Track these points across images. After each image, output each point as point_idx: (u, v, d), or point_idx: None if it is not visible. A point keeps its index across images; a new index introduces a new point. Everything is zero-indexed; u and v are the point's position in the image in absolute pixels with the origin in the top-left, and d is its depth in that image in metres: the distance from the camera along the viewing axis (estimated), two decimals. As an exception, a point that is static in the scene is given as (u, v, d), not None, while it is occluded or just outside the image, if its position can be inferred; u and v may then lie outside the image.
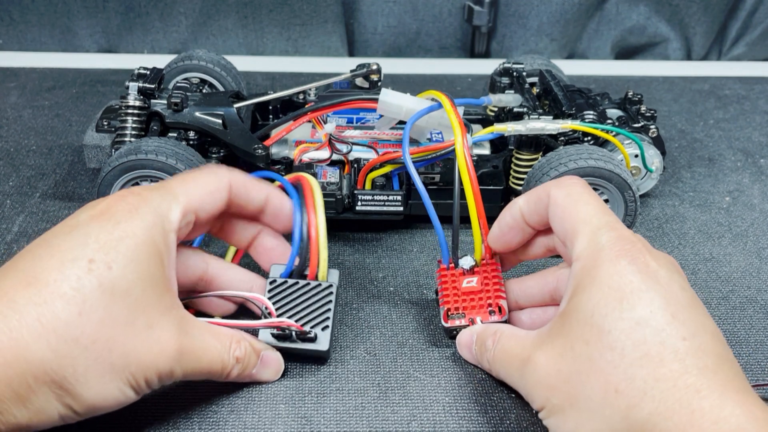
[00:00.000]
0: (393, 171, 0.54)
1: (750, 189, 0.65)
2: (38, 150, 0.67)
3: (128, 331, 0.35)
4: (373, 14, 0.91)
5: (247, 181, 0.43)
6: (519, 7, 0.91)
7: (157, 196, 0.38)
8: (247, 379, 0.42)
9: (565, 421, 0.35)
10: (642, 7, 0.92)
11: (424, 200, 0.46)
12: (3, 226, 0.56)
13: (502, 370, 0.41)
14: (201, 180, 0.41)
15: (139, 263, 0.36)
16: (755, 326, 0.49)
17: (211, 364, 0.39)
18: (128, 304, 0.35)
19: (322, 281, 0.44)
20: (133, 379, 0.35)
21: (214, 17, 0.90)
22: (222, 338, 0.40)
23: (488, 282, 0.45)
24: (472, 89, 0.83)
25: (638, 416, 0.32)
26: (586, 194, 0.39)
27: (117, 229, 0.36)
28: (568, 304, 0.37)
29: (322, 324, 0.42)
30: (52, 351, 0.33)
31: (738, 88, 0.86)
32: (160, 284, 0.37)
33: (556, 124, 0.53)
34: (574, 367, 0.35)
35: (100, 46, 0.91)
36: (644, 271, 0.35)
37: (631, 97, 0.62)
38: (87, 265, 0.34)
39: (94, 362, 0.34)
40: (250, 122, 0.59)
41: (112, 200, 0.38)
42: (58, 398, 0.34)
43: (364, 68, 0.60)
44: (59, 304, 0.33)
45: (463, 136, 0.45)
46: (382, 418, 0.41)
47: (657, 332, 0.33)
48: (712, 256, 0.56)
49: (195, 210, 0.40)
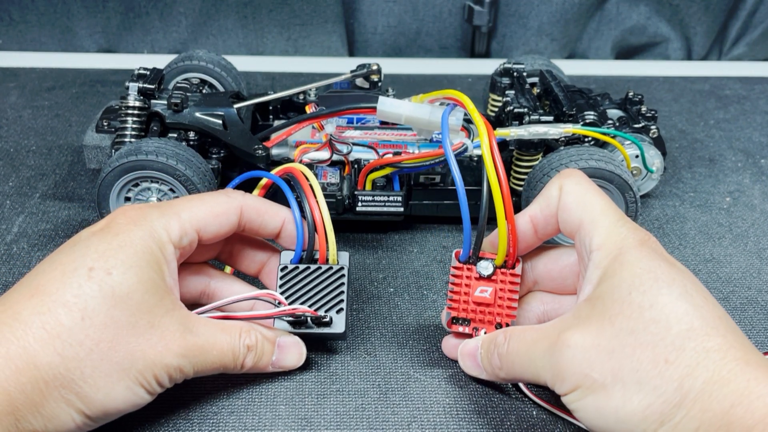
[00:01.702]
0: (393, 172, 0.54)
1: (751, 189, 0.65)
2: (38, 150, 0.67)
3: (131, 332, 0.36)
4: (373, 14, 0.91)
5: (261, 205, 0.43)
6: (519, 7, 0.91)
7: (158, 212, 0.40)
8: (269, 368, 0.42)
9: (609, 398, 0.34)
10: (642, 7, 0.92)
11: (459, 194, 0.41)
12: (3, 227, 0.56)
13: (520, 360, 0.39)
14: (208, 201, 0.42)
15: (138, 269, 0.37)
16: (756, 327, 0.49)
17: (222, 356, 0.39)
18: (129, 306, 0.36)
19: (333, 264, 0.44)
20: (142, 377, 0.36)
21: (214, 17, 0.89)
22: (230, 330, 0.40)
23: (503, 297, 0.43)
24: (473, 89, 0.83)
25: (693, 385, 0.32)
26: (593, 186, 0.40)
27: (116, 240, 0.37)
28: (596, 289, 0.37)
29: (336, 307, 0.43)
30: (58, 355, 0.34)
31: (738, 88, 0.85)
32: (160, 288, 0.38)
33: (558, 128, 0.53)
34: (616, 341, 0.34)
35: (100, 46, 0.91)
36: (667, 260, 0.36)
37: (632, 97, 0.62)
38: (87, 273, 0.36)
39: (100, 362, 0.35)
40: (251, 123, 0.59)
41: (114, 215, 0.39)
42: (69, 404, 0.35)
43: (364, 68, 0.60)
44: (62, 311, 0.35)
45: (490, 137, 0.42)
46: (383, 420, 0.41)
47: (697, 308, 0.34)
48: (712, 256, 0.56)
49: (197, 229, 0.41)
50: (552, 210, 0.41)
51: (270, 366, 0.42)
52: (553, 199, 0.41)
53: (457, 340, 0.44)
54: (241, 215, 0.42)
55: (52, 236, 0.56)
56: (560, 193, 0.40)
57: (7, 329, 0.34)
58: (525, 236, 0.42)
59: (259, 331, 0.41)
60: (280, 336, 0.42)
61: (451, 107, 0.46)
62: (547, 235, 0.42)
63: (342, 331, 0.42)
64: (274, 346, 0.42)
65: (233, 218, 0.42)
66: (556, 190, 0.41)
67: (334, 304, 0.43)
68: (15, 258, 0.53)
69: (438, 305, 0.50)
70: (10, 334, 0.34)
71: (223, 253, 0.46)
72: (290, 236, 0.44)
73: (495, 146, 0.41)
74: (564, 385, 0.36)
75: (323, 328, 0.43)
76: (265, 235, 0.44)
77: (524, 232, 0.42)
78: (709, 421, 0.31)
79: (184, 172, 0.50)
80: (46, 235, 0.56)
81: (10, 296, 0.36)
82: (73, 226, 0.57)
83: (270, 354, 0.42)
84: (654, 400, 0.33)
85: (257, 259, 0.46)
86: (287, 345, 0.43)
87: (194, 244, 0.41)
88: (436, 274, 0.53)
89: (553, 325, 0.38)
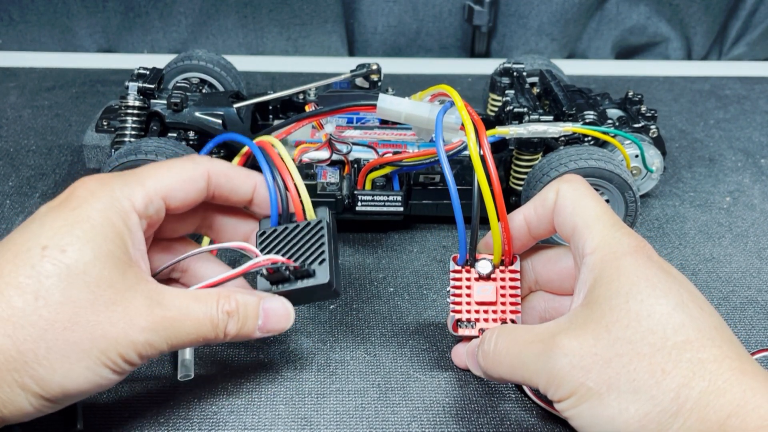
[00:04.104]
0: (393, 171, 0.54)
1: (750, 189, 0.65)
2: (38, 150, 0.67)
3: (90, 310, 0.34)
4: (373, 14, 0.91)
5: (230, 170, 0.41)
6: (519, 7, 0.91)
7: (119, 181, 0.38)
8: (256, 334, 0.39)
9: (605, 406, 0.34)
10: (642, 6, 0.92)
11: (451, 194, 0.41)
12: (2, 227, 0.56)
13: (509, 361, 0.38)
14: (173, 168, 0.40)
15: (95, 243, 0.35)
16: (755, 327, 0.49)
17: (199, 326, 0.37)
18: (87, 283, 0.34)
19: (310, 220, 0.42)
20: (105, 356, 0.35)
21: (214, 17, 0.89)
22: (206, 299, 0.38)
23: (504, 294, 0.43)
24: (473, 89, 0.83)
25: (690, 394, 0.32)
26: (590, 192, 0.40)
27: (72, 215, 0.36)
28: (591, 293, 0.36)
29: (318, 259, 0.41)
30: (9, 338, 0.33)
31: (738, 88, 0.85)
32: (122, 262, 0.36)
33: (557, 127, 0.53)
34: (613, 350, 0.34)
35: (100, 46, 0.91)
36: (663, 268, 0.36)
37: (632, 97, 0.62)
38: (40, 252, 0.34)
39: (54, 343, 0.34)
40: (250, 122, 0.59)
41: (74, 187, 0.37)
42: (23, 387, 0.33)
43: (364, 68, 0.60)
44: (14, 292, 0.33)
45: (480, 133, 0.42)
46: (382, 419, 0.41)
47: (693, 319, 0.34)
48: (712, 256, 0.56)
49: (163, 196, 0.39)
50: (546, 210, 0.41)
51: (257, 331, 0.39)
52: (548, 201, 0.41)
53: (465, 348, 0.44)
54: (209, 180, 0.40)
55: (52, 236, 0.56)
56: (557, 197, 0.40)
57: None
58: (519, 234, 0.42)
59: (240, 295, 0.39)
60: (263, 299, 0.40)
61: (447, 106, 0.46)
62: (540, 236, 0.42)
63: (326, 281, 0.40)
64: (258, 309, 0.39)
65: (201, 183, 0.40)
66: (552, 193, 0.40)
67: (315, 257, 0.41)
68: (15, 258, 0.53)
69: (438, 305, 0.50)
70: None
71: (202, 227, 0.44)
72: (263, 200, 0.42)
73: (485, 142, 0.41)
74: (558, 391, 0.35)
75: (307, 281, 0.40)
76: (237, 201, 0.42)
77: (518, 230, 0.42)
78: (706, 431, 0.32)
79: (183, 172, 0.50)
80: (45, 234, 0.56)
81: None
82: (73, 226, 0.57)
83: (255, 318, 0.39)
84: (651, 409, 0.33)
85: (240, 231, 0.44)
86: (273, 307, 0.40)
87: (161, 212, 0.39)
88: (436, 274, 0.53)
89: (548, 328, 0.37)
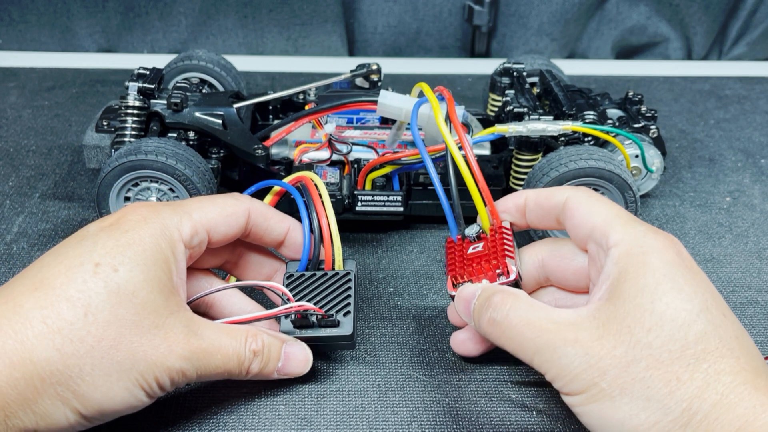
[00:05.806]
0: (393, 171, 0.54)
1: (751, 189, 0.65)
2: (38, 150, 0.67)
3: (135, 331, 0.35)
4: (373, 14, 0.91)
5: (268, 211, 0.43)
6: (519, 7, 0.91)
7: (170, 210, 0.39)
8: (274, 375, 0.41)
9: (615, 409, 0.34)
10: (642, 6, 0.92)
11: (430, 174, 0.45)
12: (2, 227, 0.56)
13: (520, 339, 0.37)
14: (218, 203, 0.41)
15: (145, 267, 0.36)
16: (756, 327, 0.49)
17: (226, 361, 0.38)
18: (134, 305, 0.35)
19: (339, 270, 0.44)
20: (143, 379, 0.36)
21: (214, 17, 0.89)
22: (236, 334, 0.39)
23: (495, 244, 0.42)
24: (473, 89, 0.83)
25: (701, 407, 0.32)
26: (604, 197, 0.40)
27: (125, 237, 0.37)
28: (615, 288, 0.36)
29: (343, 310, 0.42)
30: (56, 350, 0.33)
31: (738, 88, 0.85)
32: (167, 288, 0.37)
33: (557, 125, 0.53)
34: (632, 354, 0.34)
35: (100, 46, 0.91)
36: (691, 268, 0.36)
37: (632, 97, 0.62)
38: (93, 268, 0.35)
39: (100, 361, 0.34)
40: (250, 122, 0.59)
41: (124, 211, 0.39)
42: (64, 402, 0.34)
43: (364, 68, 0.60)
44: (65, 305, 0.34)
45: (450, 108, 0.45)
46: (382, 419, 0.41)
47: (715, 328, 0.34)
48: (712, 256, 0.56)
49: (207, 229, 0.40)
50: (549, 202, 0.41)
51: (275, 373, 0.41)
52: (554, 198, 0.41)
53: (465, 335, 0.44)
54: (248, 218, 0.42)
55: (52, 236, 0.56)
56: (567, 201, 0.40)
57: (5, 322, 0.33)
58: (516, 202, 0.43)
59: (266, 336, 0.40)
60: (286, 342, 0.41)
61: (423, 100, 0.47)
62: (532, 222, 0.43)
63: (349, 333, 0.42)
64: (280, 352, 0.41)
65: (242, 220, 0.42)
66: (561, 195, 0.40)
67: (341, 308, 0.42)
68: (15, 258, 0.53)
69: (438, 305, 0.50)
70: (8, 327, 0.33)
71: (229, 262, 0.45)
72: (294, 244, 0.44)
73: (455, 115, 0.44)
74: (568, 386, 0.35)
75: (330, 330, 0.42)
76: (269, 241, 0.44)
77: (516, 197, 0.43)
78: None
79: (183, 172, 0.50)
80: (45, 235, 0.56)
81: (12, 288, 0.35)
82: (73, 226, 0.57)
83: (276, 360, 0.41)
84: (661, 418, 0.33)
85: (263, 271, 0.46)
86: (294, 352, 0.41)
87: (204, 244, 0.41)
88: (436, 274, 0.53)
89: (567, 318, 0.36)
